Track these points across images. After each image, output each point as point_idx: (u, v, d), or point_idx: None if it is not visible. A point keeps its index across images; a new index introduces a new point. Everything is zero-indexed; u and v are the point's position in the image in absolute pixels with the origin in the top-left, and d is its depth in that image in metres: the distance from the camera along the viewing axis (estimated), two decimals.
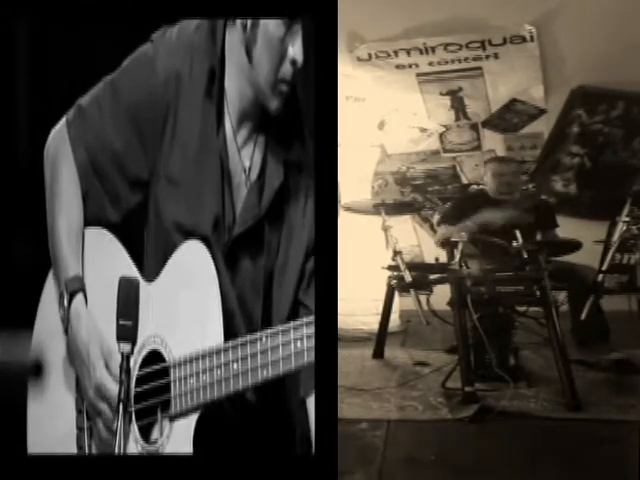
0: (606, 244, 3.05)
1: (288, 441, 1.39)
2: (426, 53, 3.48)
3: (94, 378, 1.40)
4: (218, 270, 1.33)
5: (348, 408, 2.30)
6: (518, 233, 2.57)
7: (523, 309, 2.72)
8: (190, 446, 1.29)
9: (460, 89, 3.82)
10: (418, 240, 5.05)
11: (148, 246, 1.45)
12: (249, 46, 1.33)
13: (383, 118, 4.15)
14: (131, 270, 1.43)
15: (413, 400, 2.41)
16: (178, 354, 1.33)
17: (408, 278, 3.12)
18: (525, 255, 2.54)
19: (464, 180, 4.65)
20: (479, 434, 2.07)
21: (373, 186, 4.58)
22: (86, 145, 1.46)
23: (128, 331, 1.35)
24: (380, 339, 3.36)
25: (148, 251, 1.45)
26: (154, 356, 1.37)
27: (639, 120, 3.90)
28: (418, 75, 3.70)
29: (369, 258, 3.87)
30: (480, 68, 3.60)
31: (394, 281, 3.30)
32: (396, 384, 2.69)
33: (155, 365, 1.37)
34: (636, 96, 3.79)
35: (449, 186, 4.76)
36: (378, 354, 3.32)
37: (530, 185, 4.32)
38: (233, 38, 1.37)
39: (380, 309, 3.43)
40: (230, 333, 1.30)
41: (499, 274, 2.57)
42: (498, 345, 2.56)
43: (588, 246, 2.96)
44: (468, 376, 2.35)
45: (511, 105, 3.92)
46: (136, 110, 1.41)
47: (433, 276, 3.20)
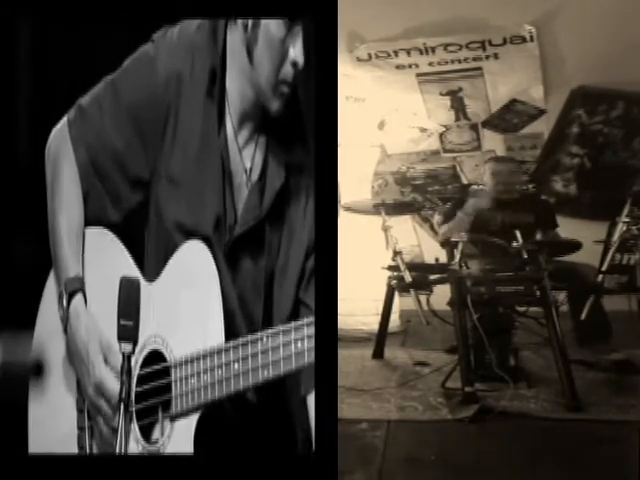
0: (606, 244, 3.05)
1: (288, 441, 1.39)
2: (426, 53, 3.48)
3: (93, 377, 1.40)
4: (219, 270, 1.33)
5: (348, 408, 2.30)
6: (518, 233, 2.57)
7: (523, 309, 2.71)
8: (191, 446, 1.29)
9: (460, 89, 3.82)
10: (418, 240, 5.04)
11: (149, 246, 1.46)
12: (250, 47, 1.33)
13: (383, 118, 4.15)
14: (132, 270, 1.43)
15: (413, 400, 2.41)
16: (179, 354, 1.33)
17: (408, 278, 3.12)
18: (525, 255, 2.54)
19: (464, 180, 4.64)
20: (479, 434, 2.07)
21: (373, 186, 4.58)
22: (87, 145, 1.47)
23: (129, 331, 1.35)
24: (380, 339, 3.36)
25: (149, 251, 1.45)
26: (155, 356, 1.37)
27: (639, 120, 3.89)
28: (418, 75, 3.69)
29: (369, 258, 3.87)
30: (480, 68, 3.59)
31: (394, 281, 3.30)
32: (396, 384, 2.69)
33: (156, 365, 1.37)
34: (636, 96, 3.79)
35: (449, 186, 4.75)
36: (378, 354, 3.32)
37: (530, 185, 4.32)
38: (234, 38, 1.37)
39: (380, 309, 3.43)
40: (231, 333, 1.30)
41: (499, 274, 2.57)
42: (498, 345, 2.57)
43: (588, 246, 2.96)
44: (468, 376, 2.35)
45: (511, 105, 3.92)
46: (137, 110, 1.42)
47: (433, 276, 3.20)
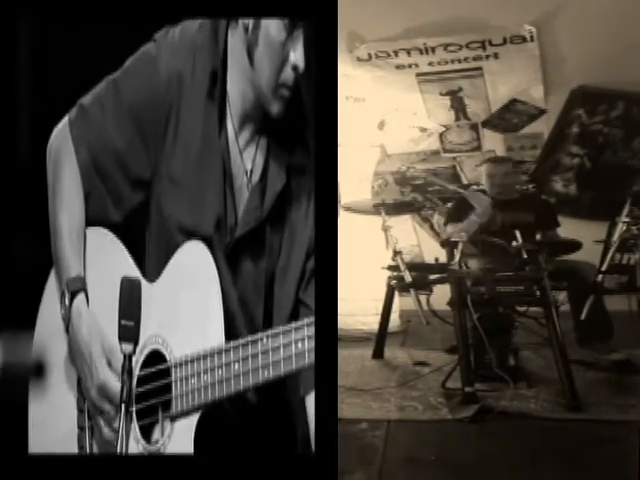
0: (606, 244, 3.05)
1: (289, 441, 1.39)
2: (426, 53, 3.48)
3: (97, 379, 1.39)
4: (219, 270, 1.33)
5: (348, 408, 2.30)
6: (518, 233, 2.57)
7: (523, 309, 2.72)
8: (191, 446, 1.29)
9: (460, 89, 3.82)
10: (418, 240, 5.05)
11: (150, 246, 1.45)
12: (250, 48, 1.33)
13: (383, 118, 4.15)
14: (133, 270, 1.43)
15: (413, 400, 2.42)
16: (179, 354, 1.33)
17: (408, 278, 3.13)
18: (525, 255, 2.55)
19: (464, 180, 4.64)
20: (479, 434, 2.07)
21: (373, 186, 4.58)
22: (88, 144, 1.46)
23: (130, 331, 1.35)
24: (380, 339, 3.36)
25: (150, 251, 1.45)
26: (155, 356, 1.37)
27: (639, 120, 3.89)
28: (418, 75, 3.70)
29: (369, 258, 3.87)
30: (480, 68, 3.60)
31: (394, 281, 3.30)
32: (396, 384, 2.69)
33: (156, 365, 1.36)
34: (636, 96, 3.79)
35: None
36: (378, 354, 3.33)
37: (530, 185, 4.32)
38: (235, 40, 1.36)
39: (380, 309, 3.43)
40: (231, 333, 1.30)
41: (499, 274, 2.57)
42: (498, 345, 2.57)
43: (588, 246, 2.96)
44: (468, 376, 2.35)
45: (511, 105, 3.92)
46: (138, 110, 1.41)
47: (433, 276, 3.20)
